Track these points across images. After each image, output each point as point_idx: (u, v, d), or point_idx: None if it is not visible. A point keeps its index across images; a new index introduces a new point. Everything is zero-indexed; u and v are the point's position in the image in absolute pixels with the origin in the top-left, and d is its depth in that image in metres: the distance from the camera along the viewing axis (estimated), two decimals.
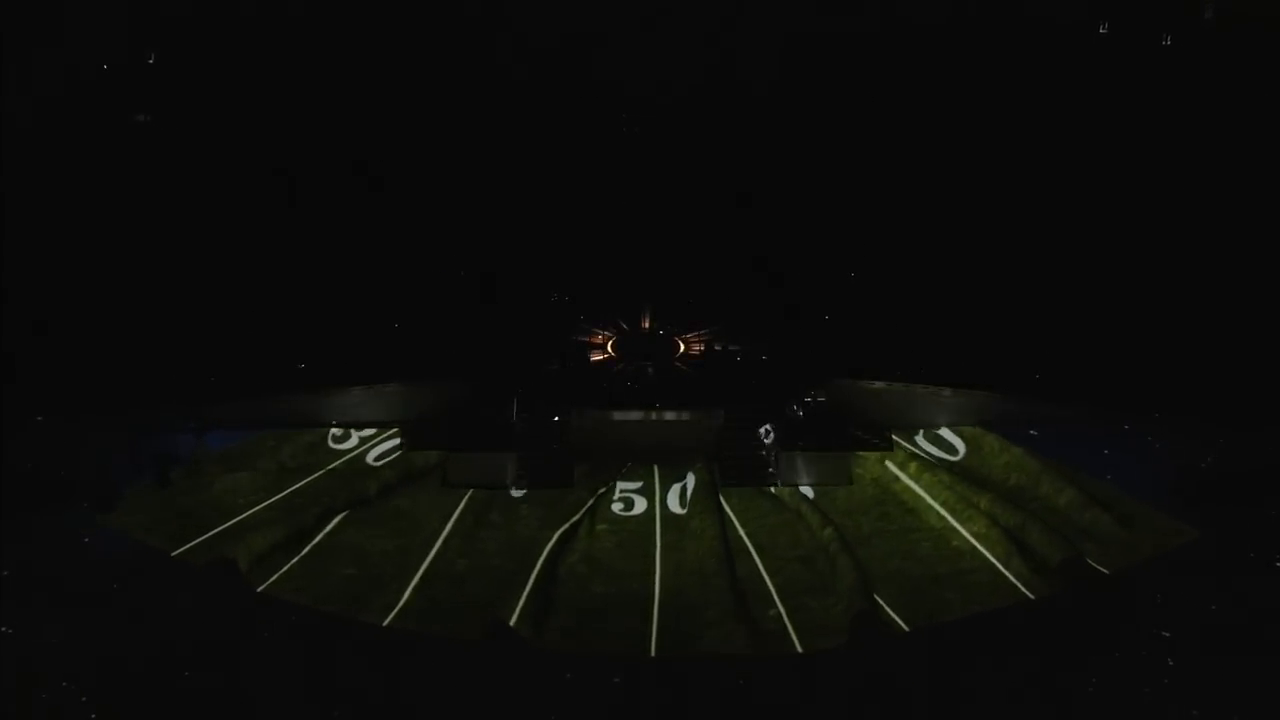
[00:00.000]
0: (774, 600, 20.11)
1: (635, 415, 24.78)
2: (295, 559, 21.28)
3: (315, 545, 21.81)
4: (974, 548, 21.54)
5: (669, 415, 24.77)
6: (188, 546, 21.38)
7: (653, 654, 18.80)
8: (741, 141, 33.98)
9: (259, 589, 20.38)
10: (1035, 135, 32.89)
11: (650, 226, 31.60)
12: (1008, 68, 33.84)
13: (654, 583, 20.76)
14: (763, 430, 24.01)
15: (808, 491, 23.33)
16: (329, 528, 22.31)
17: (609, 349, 27.77)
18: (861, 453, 24.23)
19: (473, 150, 33.66)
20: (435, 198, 32.45)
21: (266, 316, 27.21)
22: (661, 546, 21.98)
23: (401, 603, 19.97)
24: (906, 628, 19.31)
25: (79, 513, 21.79)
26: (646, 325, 28.64)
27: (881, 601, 19.87)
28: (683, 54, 34.63)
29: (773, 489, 23.62)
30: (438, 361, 26.19)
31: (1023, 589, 20.10)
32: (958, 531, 22.10)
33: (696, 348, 27.62)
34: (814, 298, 28.86)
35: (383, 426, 25.12)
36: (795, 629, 19.41)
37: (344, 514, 22.68)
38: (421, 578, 20.76)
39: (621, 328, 28.64)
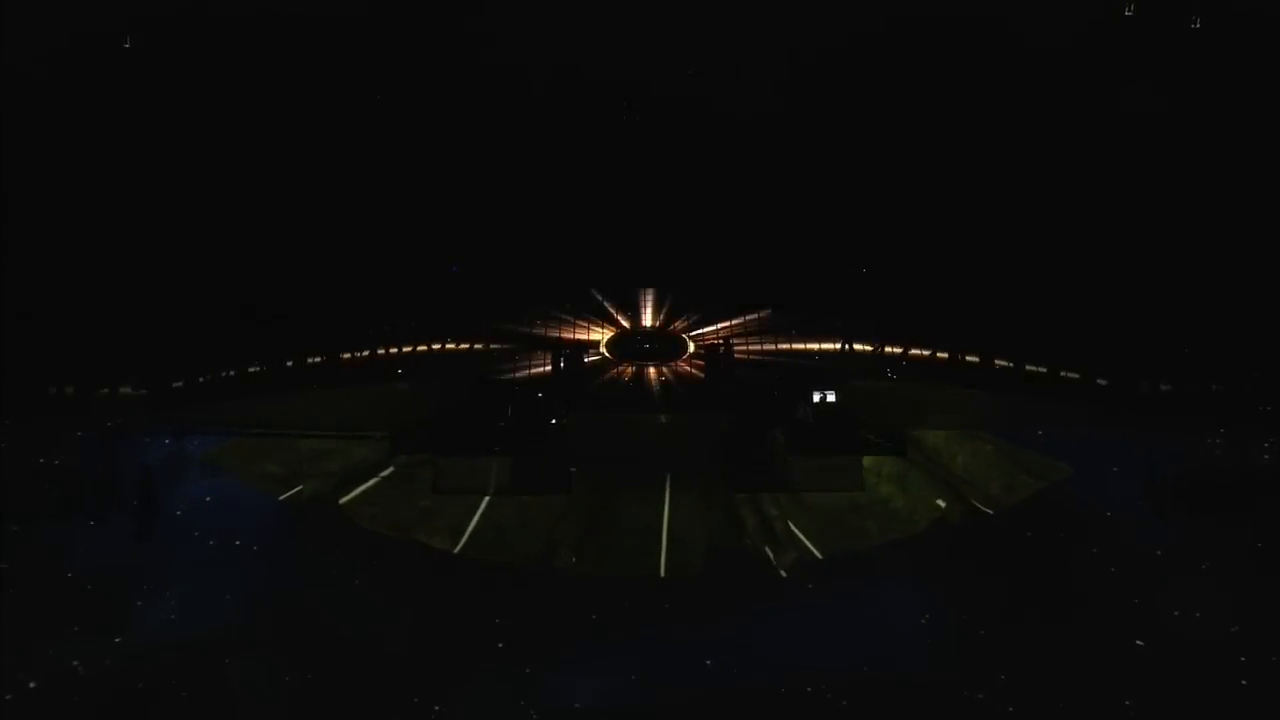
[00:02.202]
0: (748, 531, 23.39)
1: (637, 418, 24.70)
2: (375, 479, 24.12)
3: (395, 471, 24.44)
4: (884, 474, 24.44)
5: (672, 418, 24.75)
6: (293, 491, 24.02)
7: (662, 575, 22.11)
8: (742, 140, 33.25)
9: (341, 501, 23.52)
10: (1040, 134, 32.23)
11: (652, 227, 30.91)
12: (1012, 64, 33.04)
13: (663, 510, 23.58)
14: (770, 435, 24.15)
15: None
16: (411, 459, 24.66)
17: (610, 349, 27.39)
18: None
19: (470, 145, 32.44)
20: (432, 194, 31.43)
21: (250, 317, 27.04)
22: (671, 477, 24.21)
23: (470, 528, 23.02)
24: (821, 556, 22.26)
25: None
26: (649, 325, 28.02)
27: (797, 531, 22.80)
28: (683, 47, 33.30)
29: None
30: (431, 362, 26.11)
31: (941, 507, 23.02)
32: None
33: (701, 348, 27.22)
34: (818, 297, 28.39)
35: (375, 430, 25.16)
36: (775, 556, 22.40)
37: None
38: (487, 504, 23.53)
39: (623, 327, 28.05)
